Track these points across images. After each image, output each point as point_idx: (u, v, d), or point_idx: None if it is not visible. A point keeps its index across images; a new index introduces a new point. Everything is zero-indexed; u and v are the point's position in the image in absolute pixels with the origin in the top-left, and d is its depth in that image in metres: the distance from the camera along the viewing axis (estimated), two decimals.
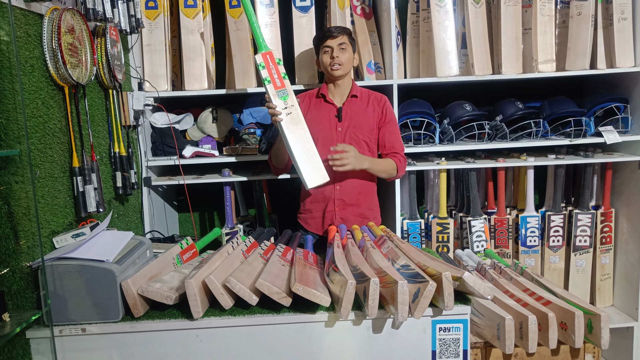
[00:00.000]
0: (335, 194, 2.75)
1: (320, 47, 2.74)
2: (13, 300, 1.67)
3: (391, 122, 2.79)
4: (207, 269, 1.81)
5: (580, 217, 3.33)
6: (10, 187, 1.69)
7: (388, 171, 2.73)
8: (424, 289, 1.63)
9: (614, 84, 3.34)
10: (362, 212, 2.81)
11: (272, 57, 2.59)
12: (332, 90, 2.80)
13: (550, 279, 3.38)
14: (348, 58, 2.71)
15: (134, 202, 2.86)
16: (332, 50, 2.68)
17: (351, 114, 2.74)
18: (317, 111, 2.79)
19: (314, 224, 2.84)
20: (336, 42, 2.68)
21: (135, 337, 1.78)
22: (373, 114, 2.77)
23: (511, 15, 3.11)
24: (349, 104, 2.76)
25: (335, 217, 2.77)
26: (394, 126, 2.80)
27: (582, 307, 1.89)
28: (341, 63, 2.68)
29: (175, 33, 3.21)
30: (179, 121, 3.18)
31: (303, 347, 1.80)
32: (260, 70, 2.56)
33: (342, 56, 2.68)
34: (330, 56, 2.69)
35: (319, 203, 2.81)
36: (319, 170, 2.54)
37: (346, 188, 2.75)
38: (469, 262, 2.68)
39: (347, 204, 2.77)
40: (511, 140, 3.21)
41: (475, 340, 1.98)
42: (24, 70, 1.81)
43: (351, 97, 2.77)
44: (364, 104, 2.78)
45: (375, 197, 2.90)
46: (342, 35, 2.69)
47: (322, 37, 2.73)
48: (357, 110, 2.75)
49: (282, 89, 2.52)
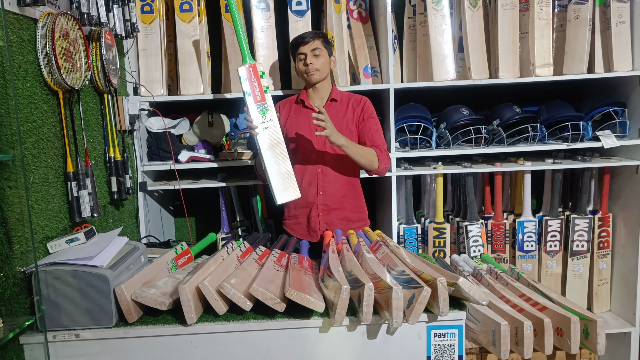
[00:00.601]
0: (319, 199, 2.73)
1: (295, 55, 2.72)
2: (6, 305, 1.66)
3: (371, 119, 2.73)
4: (202, 275, 1.80)
5: (578, 221, 3.32)
6: (4, 192, 1.68)
7: (367, 157, 2.60)
8: (418, 294, 1.62)
9: (612, 88, 3.33)
10: (347, 216, 2.77)
11: (255, 70, 2.57)
12: (312, 94, 2.77)
13: (547, 284, 3.38)
14: (323, 63, 2.67)
15: (129, 207, 2.85)
16: (306, 57, 2.66)
17: (332, 118, 2.70)
18: (297, 117, 2.77)
19: (299, 230, 2.82)
20: (309, 48, 2.64)
21: (129, 342, 1.77)
22: (352, 115, 2.73)
23: (508, 19, 3.11)
24: (328, 108, 2.71)
25: (319, 222, 2.75)
26: (374, 122, 2.73)
27: (578, 313, 1.89)
28: (317, 69, 2.65)
29: (171, 37, 3.21)
30: (175, 126, 3.18)
31: (297, 353, 1.79)
32: (242, 82, 2.54)
33: (316, 62, 2.65)
34: (304, 63, 2.66)
35: (303, 209, 2.78)
36: (291, 187, 2.57)
37: (329, 192, 2.73)
38: (465, 267, 2.67)
39: (331, 209, 2.74)
40: (508, 145, 3.20)
41: (471, 346, 1.97)
42: (17, 75, 1.80)
43: (330, 101, 2.75)
44: (343, 108, 2.74)
45: (361, 199, 2.85)
46: (314, 40, 2.65)
47: (295, 44, 2.69)
48: (336, 114, 2.71)
49: (262, 102, 2.51)
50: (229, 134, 3.31)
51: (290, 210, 2.83)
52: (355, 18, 3.28)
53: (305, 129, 2.70)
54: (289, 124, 2.73)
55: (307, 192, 2.72)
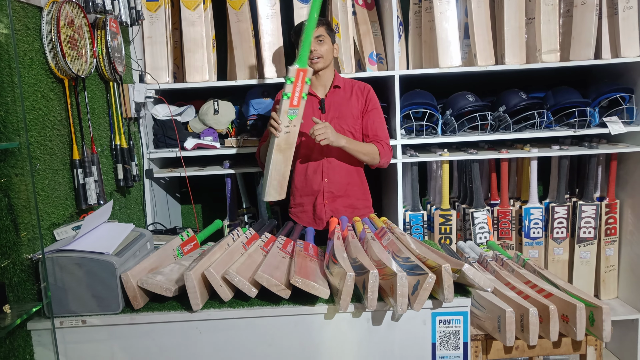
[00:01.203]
0: (324, 186, 2.74)
1: (297, 41, 2.68)
2: (14, 292, 1.68)
3: (374, 111, 2.74)
4: (207, 261, 1.81)
5: (585, 208, 3.31)
6: (10, 179, 1.69)
7: (369, 153, 2.65)
8: (423, 281, 1.63)
9: (619, 73, 3.31)
10: (352, 203, 2.79)
11: (304, 75, 2.43)
12: (314, 82, 2.75)
13: (554, 270, 3.37)
14: (327, 50, 2.67)
15: (135, 194, 2.87)
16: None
17: (335, 105, 2.71)
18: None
19: (305, 218, 2.83)
20: (314, 35, 2.60)
21: (135, 328, 1.78)
22: (357, 103, 2.73)
23: (514, 5, 3.08)
24: (331, 95, 2.73)
25: (325, 210, 2.76)
26: (377, 115, 2.75)
27: (584, 300, 1.88)
28: (320, 56, 2.64)
29: (177, 25, 3.20)
30: (181, 113, 3.18)
31: (302, 339, 1.80)
32: (287, 82, 2.41)
33: (320, 49, 2.64)
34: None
35: (308, 196, 2.80)
36: (281, 189, 2.59)
37: (334, 180, 2.74)
38: (471, 254, 2.67)
39: (337, 196, 2.75)
40: (514, 131, 3.19)
41: (476, 333, 1.97)
42: (23, 63, 1.81)
43: (333, 87, 2.74)
44: (347, 94, 2.74)
45: (365, 186, 2.86)
46: (318, 27, 2.62)
47: (298, 30, 2.66)
48: (340, 101, 2.72)
49: (296, 108, 2.45)
50: (235, 121, 3.31)
51: (296, 199, 2.84)
52: (360, 4, 3.26)
53: (309, 117, 2.70)
54: None
55: (312, 180, 2.73)
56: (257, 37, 3.12)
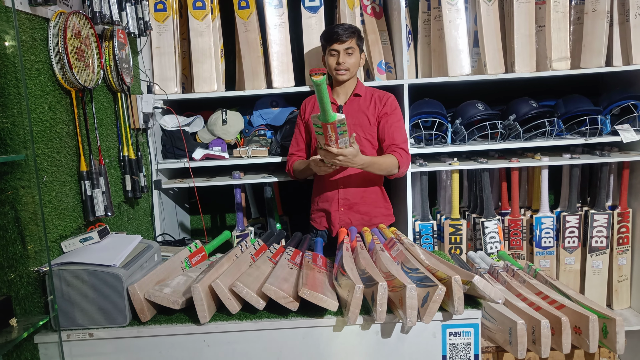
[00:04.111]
0: (340, 194, 2.74)
1: (326, 48, 2.70)
2: (21, 305, 1.67)
3: (393, 115, 2.70)
4: (215, 273, 1.79)
5: (597, 217, 3.27)
6: (17, 192, 1.69)
7: (387, 169, 2.60)
8: (433, 293, 1.60)
9: (631, 81, 3.27)
10: (369, 211, 2.78)
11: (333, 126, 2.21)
12: (337, 90, 2.77)
13: (565, 280, 3.33)
14: (354, 63, 2.68)
15: (144, 205, 2.86)
16: (339, 55, 2.65)
17: (353, 112, 2.70)
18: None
19: (322, 223, 2.85)
20: (343, 47, 2.64)
21: (142, 341, 1.77)
22: (374, 110, 2.72)
23: (524, 12, 3.07)
24: (350, 103, 2.74)
25: (340, 217, 2.76)
26: (395, 119, 2.71)
27: (597, 311, 1.85)
28: (347, 68, 2.65)
29: (185, 35, 3.20)
30: (189, 124, 3.18)
31: (311, 352, 1.78)
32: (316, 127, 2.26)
33: (348, 61, 2.65)
34: (337, 62, 2.65)
35: (325, 203, 2.80)
36: None
37: (350, 188, 2.74)
38: (482, 264, 2.64)
39: (352, 203, 2.75)
40: (525, 140, 3.16)
41: (487, 345, 1.94)
42: (29, 74, 1.81)
43: (354, 95, 2.74)
44: (366, 102, 2.74)
45: (382, 195, 2.85)
46: (350, 39, 2.63)
47: (329, 38, 2.67)
48: (358, 109, 2.72)
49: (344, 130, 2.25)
50: (243, 131, 3.30)
51: (317, 204, 2.85)
52: (369, 13, 3.25)
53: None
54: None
55: (328, 187, 2.74)
56: (265, 47, 3.12)
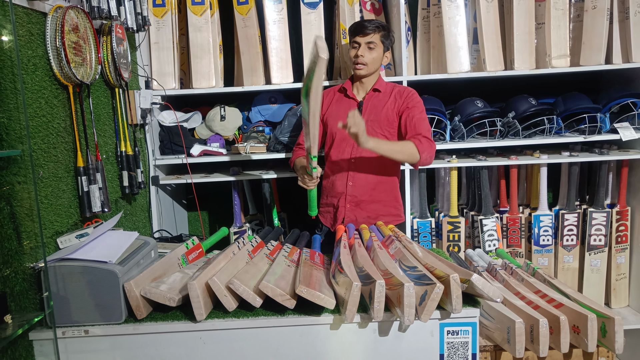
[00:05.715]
0: (348, 189, 2.68)
1: (351, 39, 2.63)
2: (16, 301, 1.66)
3: (415, 108, 2.60)
4: (211, 270, 1.78)
5: (595, 215, 3.26)
6: (13, 187, 1.68)
7: (404, 152, 2.44)
8: (431, 291, 1.59)
9: (630, 79, 3.26)
10: (377, 209, 2.71)
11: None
12: (357, 85, 2.71)
13: (564, 278, 3.33)
14: (374, 58, 2.59)
15: (141, 201, 2.85)
16: (359, 48, 2.58)
17: (371, 108, 2.64)
18: (338, 105, 2.71)
19: (329, 218, 2.80)
20: (365, 40, 2.55)
21: (138, 339, 1.76)
22: (394, 105, 2.64)
23: (524, 10, 3.05)
24: (369, 98, 2.66)
25: (346, 213, 2.71)
26: (417, 111, 2.59)
27: (595, 310, 1.85)
28: (365, 63, 2.57)
29: (184, 31, 3.19)
30: (187, 119, 3.17)
31: (308, 350, 1.77)
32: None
33: (367, 56, 2.57)
34: (355, 54, 2.59)
35: (332, 198, 2.76)
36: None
37: (359, 184, 2.67)
38: (480, 262, 2.64)
39: (360, 200, 2.69)
40: (524, 138, 3.15)
41: (485, 344, 1.94)
42: (26, 69, 1.79)
43: (373, 90, 2.67)
44: (385, 98, 2.66)
45: (395, 193, 2.77)
46: (374, 33, 2.55)
47: (354, 30, 2.60)
48: (377, 104, 2.65)
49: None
50: (242, 127, 3.29)
51: (323, 198, 2.82)
52: (368, 10, 3.24)
53: (343, 118, 2.61)
54: (329, 112, 2.70)
55: (337, 182, 2.70)
56: (264, 43, 3.11)
